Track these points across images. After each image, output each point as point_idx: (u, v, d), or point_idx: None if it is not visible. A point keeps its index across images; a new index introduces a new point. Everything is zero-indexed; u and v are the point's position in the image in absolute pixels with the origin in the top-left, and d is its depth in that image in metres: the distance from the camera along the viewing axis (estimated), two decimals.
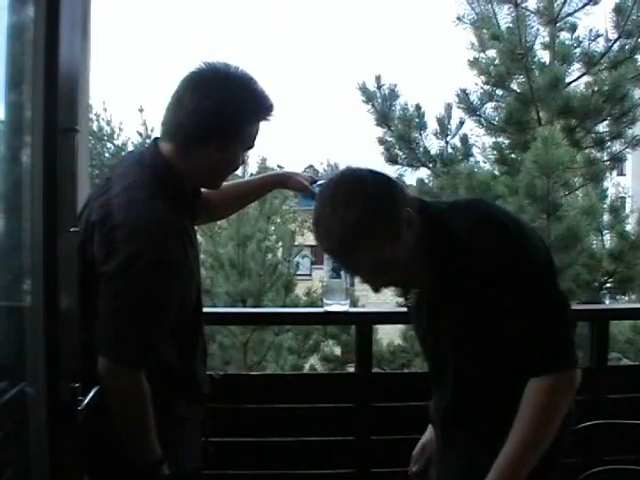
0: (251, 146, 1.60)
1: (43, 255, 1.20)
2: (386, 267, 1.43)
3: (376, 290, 1.51)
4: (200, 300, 1.65)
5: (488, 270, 1.37)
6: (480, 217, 1.44)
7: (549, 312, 1.39)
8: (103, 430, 1.42)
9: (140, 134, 13.87)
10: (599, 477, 2.06)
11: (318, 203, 1.42)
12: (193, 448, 1.64)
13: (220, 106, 1.48)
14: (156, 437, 1.47)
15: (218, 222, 7.33)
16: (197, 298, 1.62)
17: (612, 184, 9.49)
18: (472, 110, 7.22)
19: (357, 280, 1.55)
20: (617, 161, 7.31)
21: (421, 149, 7.35)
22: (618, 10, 6.86)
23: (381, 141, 7.49)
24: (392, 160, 7.40)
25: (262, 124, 1.58)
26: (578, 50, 7.00)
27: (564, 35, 7.16)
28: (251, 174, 9.33)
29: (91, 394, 1.34)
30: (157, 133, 1.60)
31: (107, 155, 15.41)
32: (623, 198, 10.36)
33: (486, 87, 7.22)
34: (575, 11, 7.10)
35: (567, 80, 6.97)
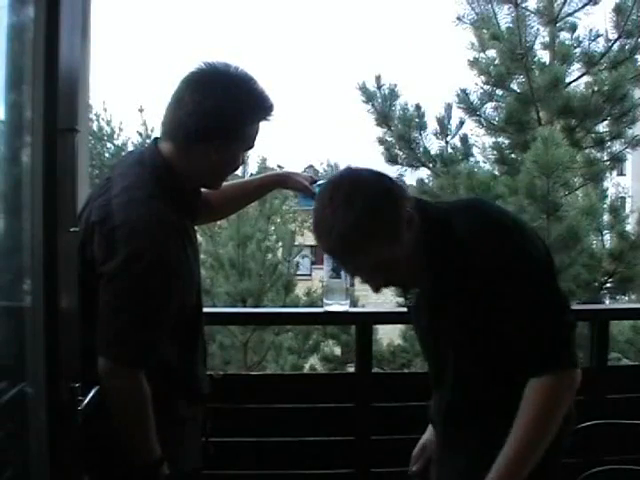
0: (251, 146, 1.60)
1: (43, 255, 1.20)
2: (386, 267, 1.43)
3: (376, 290, 1.50)
4: (200, 300, 1.65)
5: (488, 270, 1.38)
6: (480, 218, 1.45)
7: (549, 312, 1.40)
8: (103, 430, 1.42)
9: (140, 134, 13.88)
10: (599, 477, 2.06)
11: (318, 204, 1.41)
12: (193, 448, 1.64)
13: (220, 106, 1.48)
14: (156, 437, 1.47)
15: (218, 222, 7.34)
16: (197, 298, 1.62)
17: (612, 184, 9.49)
18: (472, 110, 7.22)
19: (357, 280, 1.54)
20: (617, 161, 7.31)
21: (421, 149, 7.35)
22: (618, 10, 6.85)
23: (381, 141, 7.49)
24: (392, 160, 7.39)
25: (262, 124, 1.58)
26: (578, 50, 7.00)
27: (564, 35, 7.17)
28: (251, 174, 9.33)
29: (91, 394, 1.34)
30: (157, 133, 1.60)
31: (107, 155, 15.41)
32: (623, 198, 10.37)
33: (486, 87, 7.21)
34: (575, 11, 7.10)
35: (567, 80, 6.97)
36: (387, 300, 5.87)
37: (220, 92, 1.50)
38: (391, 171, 7.26)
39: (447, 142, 7.44)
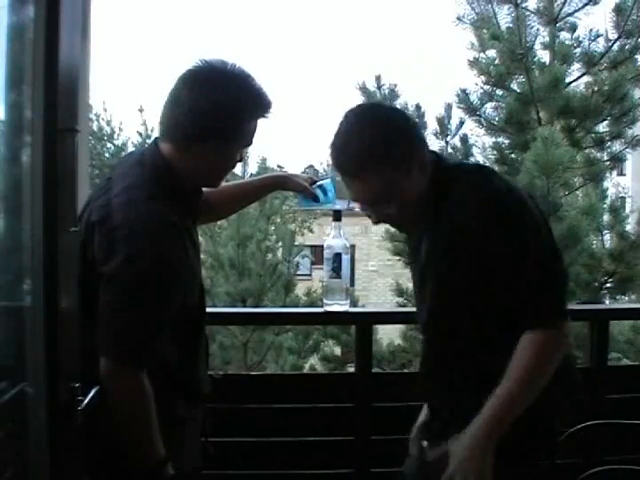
0: (249, 143, 1.60)
1: (43, 255, 1.20)
2: (391, 198, 1.47)
3: (376, 221, 1.54)
4: (203, 300, 1.65)
5: (480, 231, 1.41)
6: (484, 183, 1.48)
7: (543, 271, 1.43)
8: (103, 430, 1.42)
9: (140, 134, 13.92)
10: (599, 477, 2.06)
11: (342, 120, 1.49)
12: (193, 448, 1.64)
13: (217, 104, 1.48)
14: (160, 437, 1.47)
15: (218, 222, 7.33)
16: (200, 298, 1.62)
17: (612, 184, 9.49)
18: (472, 110, 7.22)
19: (359, 207, 1.55)
20: (617, 161, 7.31)
21: None
22: (618, 10, 6.86)
23: None
24: None
25: (261, 122, 1.58)
26: (578, 50, 7.01)
27: (564, 35, 7.17)
28: (251, 174, 9.35)
29: (91, 394, 1.33)
30: (157, 133, 1.60)
31: (107, 155, 15.42)
32: (623, 198, 10.37)
33: (486, 87, 7.22)
34: (575, 11, 7.10)
35: (567, 80, 6.97)
36: (387, 300, 5.87)
37: (218, 89, 1.49)
38: None
39: (447, 142, 7.44)
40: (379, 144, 1.42)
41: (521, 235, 1.43)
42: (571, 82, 7.06)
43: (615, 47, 6.96)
